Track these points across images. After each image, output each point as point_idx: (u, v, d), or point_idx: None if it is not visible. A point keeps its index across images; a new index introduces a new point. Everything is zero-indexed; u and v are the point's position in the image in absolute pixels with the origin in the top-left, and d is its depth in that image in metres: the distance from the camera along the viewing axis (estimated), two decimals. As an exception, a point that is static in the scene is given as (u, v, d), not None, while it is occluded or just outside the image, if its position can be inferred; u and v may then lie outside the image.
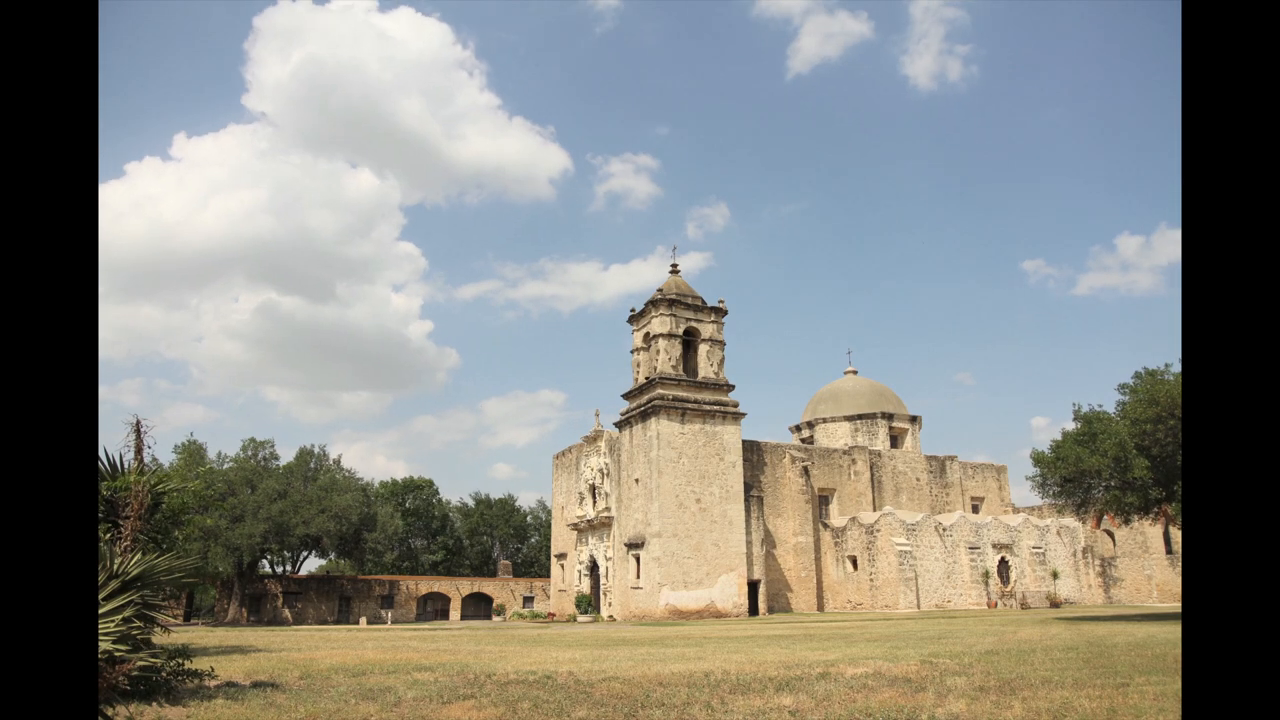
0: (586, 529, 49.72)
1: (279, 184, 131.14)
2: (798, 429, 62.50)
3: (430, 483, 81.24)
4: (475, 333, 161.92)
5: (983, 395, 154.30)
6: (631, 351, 48.22)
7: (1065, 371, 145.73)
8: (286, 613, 53.97)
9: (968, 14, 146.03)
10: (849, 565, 49.38)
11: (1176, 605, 44.91)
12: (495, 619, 55.27)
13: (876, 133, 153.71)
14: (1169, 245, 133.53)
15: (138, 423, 10.40)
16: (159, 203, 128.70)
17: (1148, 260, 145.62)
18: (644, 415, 44.43)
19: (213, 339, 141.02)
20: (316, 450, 56.61)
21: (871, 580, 47.70)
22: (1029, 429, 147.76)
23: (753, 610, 44.02)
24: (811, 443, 58.70)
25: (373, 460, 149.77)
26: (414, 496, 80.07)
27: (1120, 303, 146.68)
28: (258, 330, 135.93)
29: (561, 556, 54.75)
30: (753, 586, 44.65)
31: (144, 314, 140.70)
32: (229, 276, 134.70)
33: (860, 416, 58.94)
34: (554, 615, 50.65)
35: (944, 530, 49.13)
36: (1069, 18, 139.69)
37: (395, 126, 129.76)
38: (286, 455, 58.80)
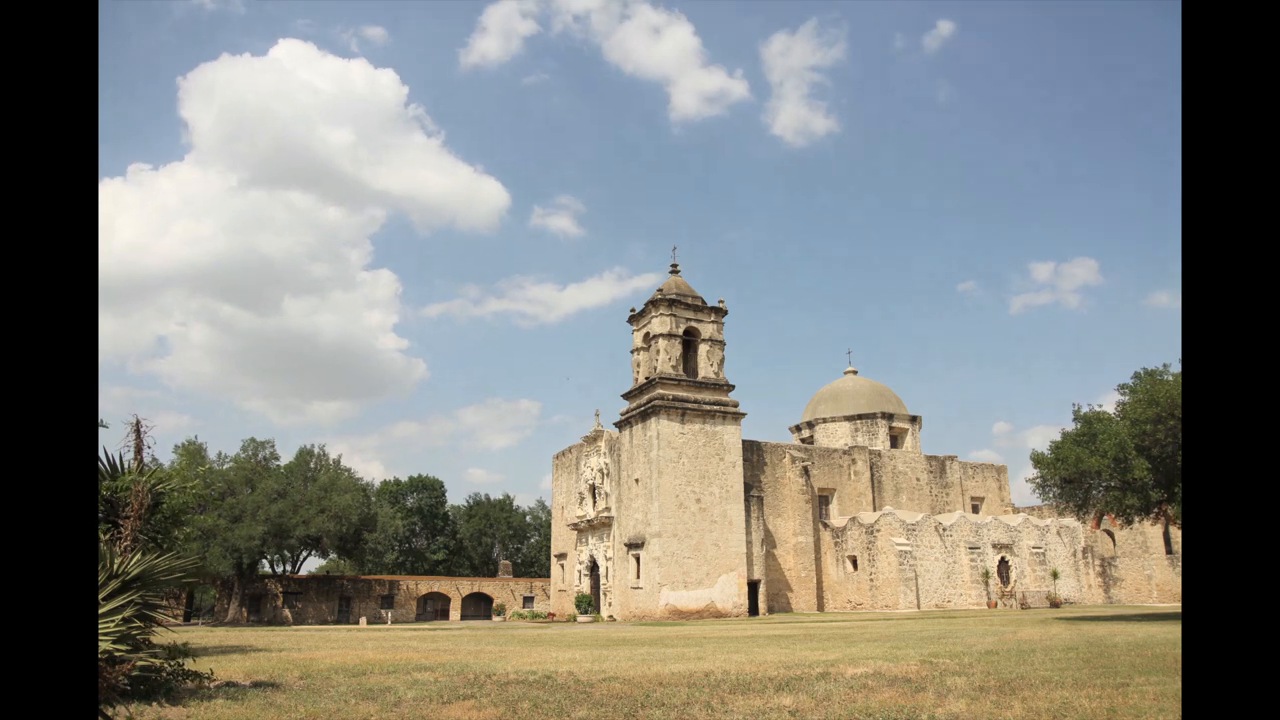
0: (586, 529, 49.72)
1: (234, 211, 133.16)
2: (798, 429, 62.50)
3: (438, 482, 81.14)
4: (446, 344, 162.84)
5: (983, 395, 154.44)
6: (631, 351, 48.22)
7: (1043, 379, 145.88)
8: (287, 613, 53.97)
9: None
10: (849, 565, 49.38)
11: (1176, 605, 44.91)
12: (495, 619, 55.28)
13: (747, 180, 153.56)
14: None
15: (138, 423, 10.40)
16: (115, 223, 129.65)
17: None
18: (644, 415, 44.43)
19: (181, 352, 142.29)
20: (316, 450, 56.62)
21: (871, 580, 47.69)
22: (1029, 428, 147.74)
23: (753, 610, 44.02)
24: (811, 443, 58.71)
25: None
26: (419, 496, 79.98)
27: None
28: (221, 343, 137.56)
29: (561, 556, 54.75)
30: (753, 586, 44.65)
31: (107, 328, 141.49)
32: (180, 294, 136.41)
33: (860, 416, 58.95)
34: (554, 615, 50.65)
35: (944, 530, 49.13)
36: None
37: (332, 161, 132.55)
38: (286, 456, 58.82)
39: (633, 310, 48.35)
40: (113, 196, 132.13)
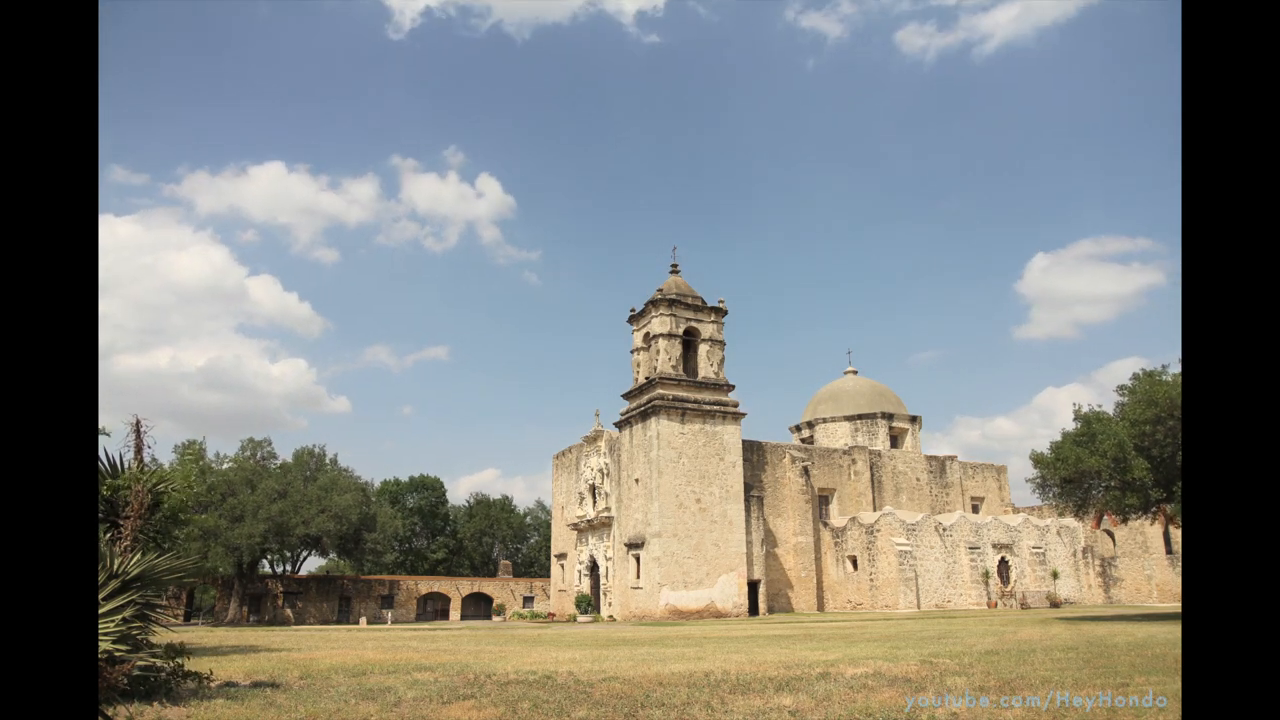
0: (586, 529, 49.72)
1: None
2: (798, 429, 62.50)
3: (438, 482, 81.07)
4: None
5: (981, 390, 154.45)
6: (631, 351, 48.21)
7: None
8: (287, 612, 53.97)
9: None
10: (849, 565, 49.38)
11: (1176, 605, 44.91)
12: (495, 619, 55.28)
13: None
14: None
15: (138, 422, 10.40)
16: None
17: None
18: (644, 415, 44.43)
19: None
20: (316, 450, 56.59)
21: (871, 580, 47.69)
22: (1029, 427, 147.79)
23: (753, 610, 44.02)
24: (811, 443, 58.70)
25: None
26: (419, 496, 79.93)
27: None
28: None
29: (561, 556, 54.75)
30: (753, 586, 44.65)
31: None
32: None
33: (860, 416, 58.94)
34: (554, 615, 50.65)
35: (944, 530, 49.13)
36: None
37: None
38: (285, 455, 58.76)
39: (633, 310, 48.33)
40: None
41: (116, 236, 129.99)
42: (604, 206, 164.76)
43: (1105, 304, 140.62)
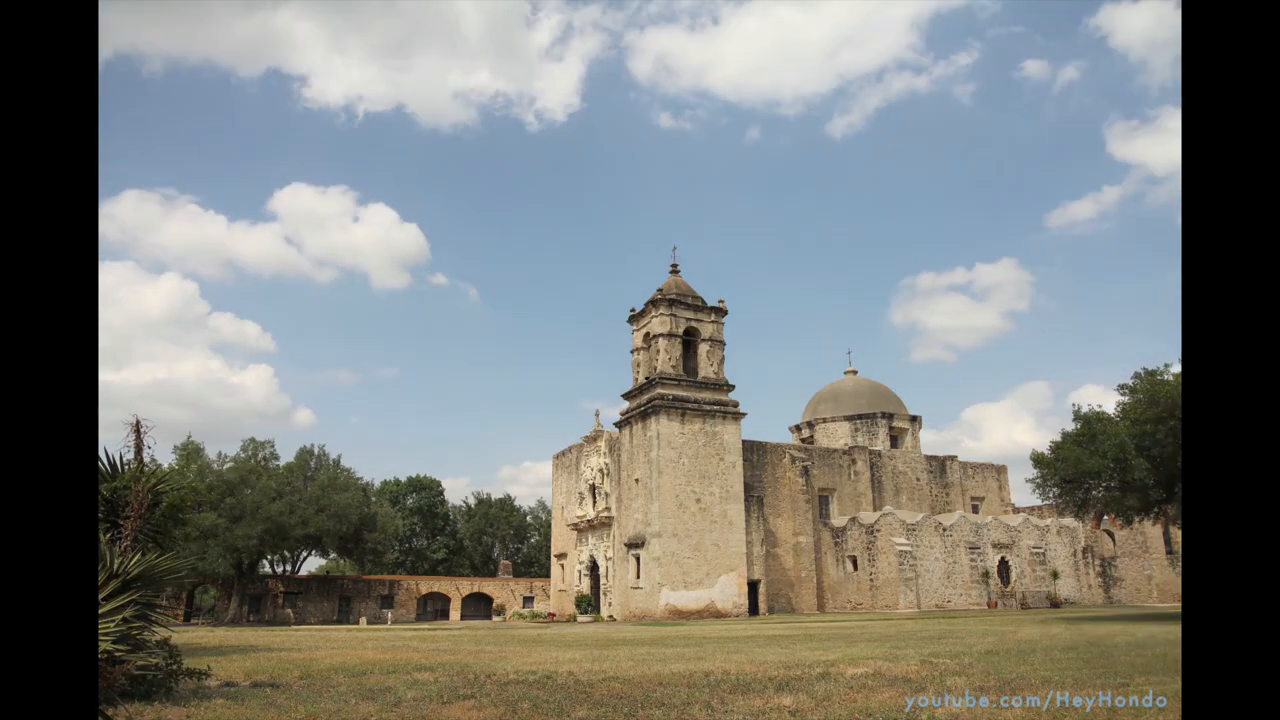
0: (586, 529, 49.71)
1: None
2: (798, 429, 62.49)
3: (438, 482, 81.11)
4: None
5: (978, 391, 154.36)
6: (631, 351, 48.20)
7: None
8: (287, 612, 53.95)
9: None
10: (849, 565, 49.38)
11: (1176, 605, 44.89)
12: (495, 619, 55.26)
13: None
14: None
15: (137, 423, 10.38)
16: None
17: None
18: (644, 415, 44.42)
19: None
20: (316, 450, 56.58)
21: (872, 580, 47.68)
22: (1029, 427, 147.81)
23: (753, 610, 44.02)
24: (811, 443, 58.69)
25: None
26: (419, 496, 79.94)
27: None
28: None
29: (561, 556, 54.75)
30: (753, 586, 44.65)
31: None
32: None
33: (860, 416, 58.93)
34: (554, 615, 50.64)
35: (944, 530, 49.13)
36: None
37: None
38: (286, 455, 58.77)
39: (633, 310, 48.32)
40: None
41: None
42: (605, 206, 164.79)
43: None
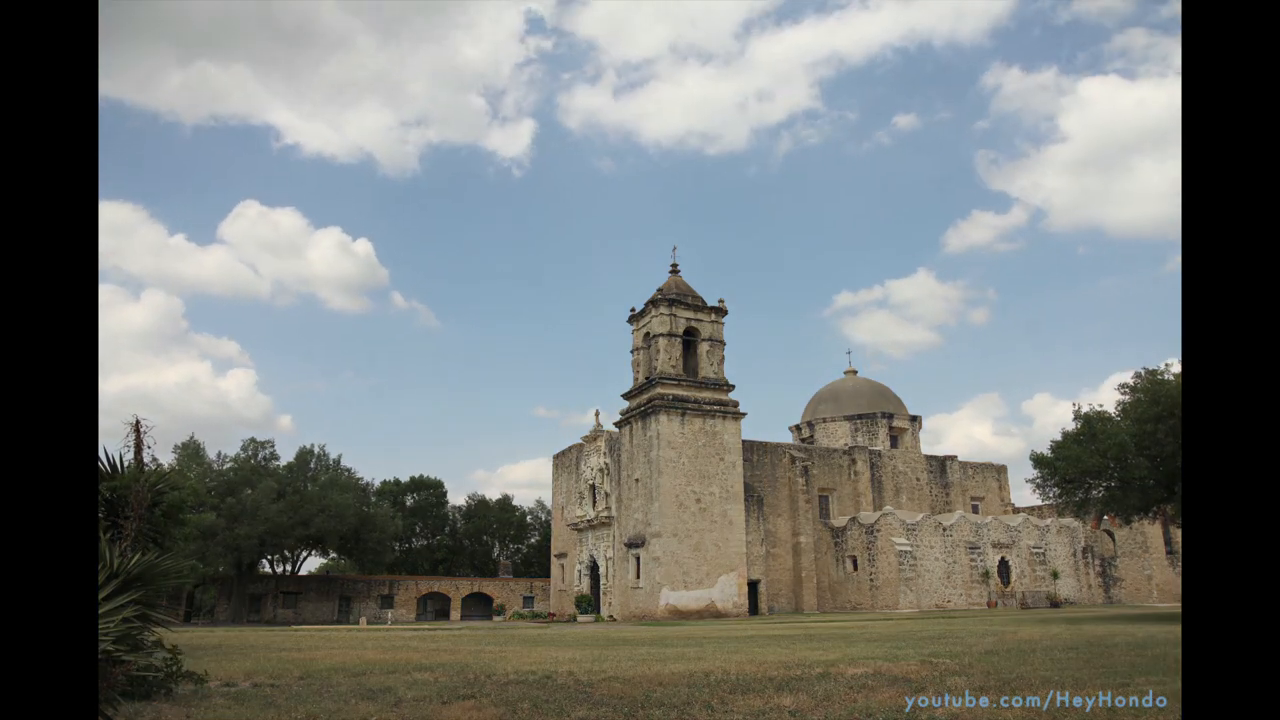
0: (586, 529, 49.72)
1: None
2: (798, 429, 62.51)
3: (438, 482, 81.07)
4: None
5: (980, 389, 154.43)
6: (631, 351, 48.21)
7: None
8: (287, 612, 53.97)
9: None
10: (849, 565, 49.38)
11: (1176, 605, 44.89)
12: (495, 619, 55.26)
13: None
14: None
15: (137, 423, 10.37)
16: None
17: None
18: (644, 415, 44.42)
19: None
20: (316, 450, 56.60)
21: (872, 580, 47.69)
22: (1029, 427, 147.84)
23: (753, 610, 44.03)
24: (811, 443, 58.70)
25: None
26: (419, 496, 79.90)
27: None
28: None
29: (561, 556, 54.75)
30: (753, 586, 44.67)
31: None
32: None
33: (860, 416, 58.94)
34: (554, 615, 50.65)
35: (944, 530, 49.14)
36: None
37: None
38: (286, 456, 58.75)
39: (633, 310, 48.32)
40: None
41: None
42: (603, 206, 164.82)
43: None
